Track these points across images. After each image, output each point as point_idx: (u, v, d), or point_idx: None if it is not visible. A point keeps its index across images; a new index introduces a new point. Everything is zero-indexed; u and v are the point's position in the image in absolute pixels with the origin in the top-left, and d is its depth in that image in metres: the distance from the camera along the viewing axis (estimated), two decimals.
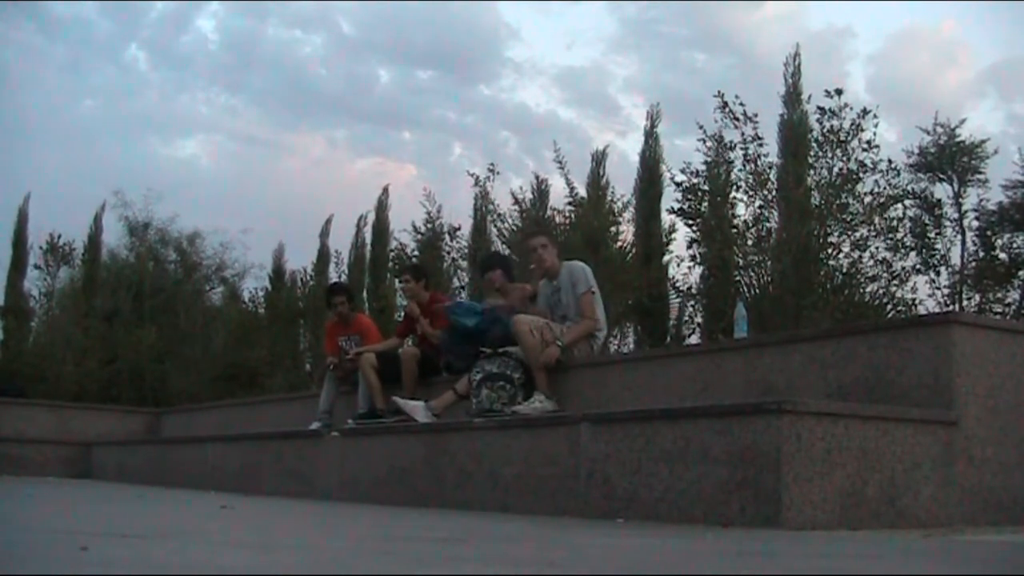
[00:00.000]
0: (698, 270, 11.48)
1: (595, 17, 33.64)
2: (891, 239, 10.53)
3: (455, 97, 32.23)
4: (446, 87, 32.85)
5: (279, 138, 33.19)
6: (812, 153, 10.65)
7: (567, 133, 29.12)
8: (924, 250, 10.68)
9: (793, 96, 11.09)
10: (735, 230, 10.87)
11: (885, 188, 10.47)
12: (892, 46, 28.67)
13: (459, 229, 13.49)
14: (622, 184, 12.88)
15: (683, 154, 29.71)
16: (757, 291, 10.57)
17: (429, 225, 13.60)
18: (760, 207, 10.80)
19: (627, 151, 30.24)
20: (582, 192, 12.18)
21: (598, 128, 30.03)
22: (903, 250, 10.59)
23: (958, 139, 10.66)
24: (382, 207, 15.45)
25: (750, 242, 10.82)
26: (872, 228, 10.46)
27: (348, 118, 34.08)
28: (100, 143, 31.65)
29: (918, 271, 10.65)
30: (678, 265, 11.80)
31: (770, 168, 10.83)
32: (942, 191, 10.84)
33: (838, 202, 10.36)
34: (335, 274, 15.27)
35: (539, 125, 29.47)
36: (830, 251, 10.50)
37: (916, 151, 10.83)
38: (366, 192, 42.05)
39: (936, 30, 29.23)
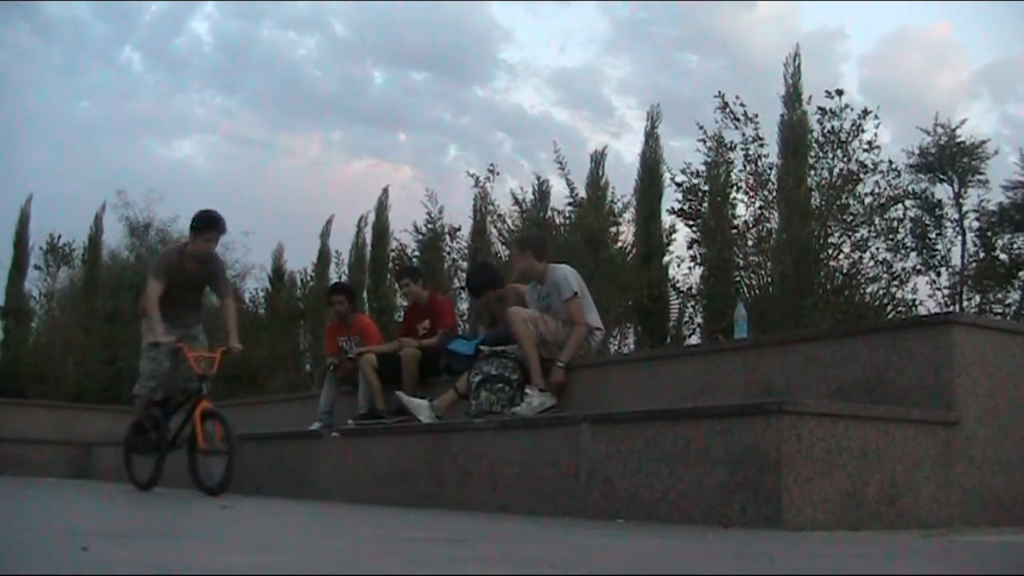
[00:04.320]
0: (698, 271, 11.49)
1: (587, 18, 33.70)
2: (891, 240, 10.53)
3: (450, 98, 32.24)
4: (440, 88, 32.89)
5: (275, 139, 33.25)
6: (812, 154, 10.66)
7: (562, 134, 29.18)
8: (924, 251, 10.68)
9: (793, 96, 11.10)
10: (735, 231, 10.87)
11: (885, 189, 10.48)
12: (885, 47, 28.72)
13: (459, 230, 13.50)
14: (618, 185, 12.89)
15: (677, 155, 29.74)
16: (757, 292, 10.57)
17: (430, 226, 13.60)
18: (760, 208, 10.80)
19: (621, 152, 30.22)
20: (581, 193, 12.19)
21: (592, 129, 30.09)
22: (903, 251, 10.59)
23: (958, 140, 10.67)
24: (382, 208, 15.47)
25: (750, 243, 10.82)
26: (872, 229, 10.46)
27: (343, 119, 34.13)
28: (97, 144, 31.73)
29: (918, 272, 10.65)
30: (678, 266, 11.82)
31: (770, 169, 10.83)
32: (942, 192, 10.85)
33: (838, 203, 10.36)
34: (335, 274, 15.29)
35: (534, 126, 29.50)
36: (830, 252, 10.50)
37: (916, 152, 10.84)
38: (363, 193, 42.12)
39: (929, 31, 29.27)
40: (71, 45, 32.44)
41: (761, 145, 10.72)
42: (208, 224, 6.99)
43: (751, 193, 10.82)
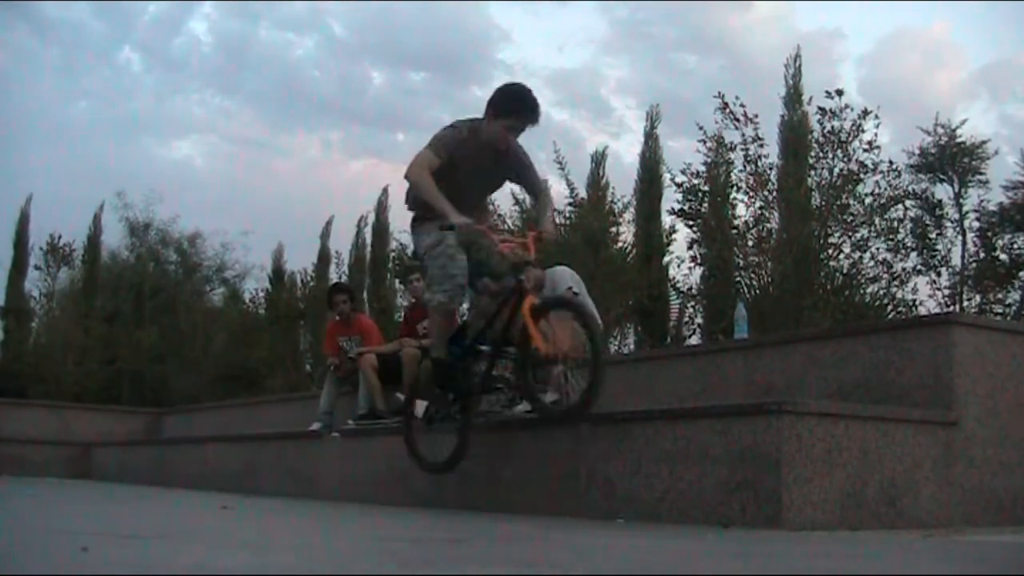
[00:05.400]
0: (698, 271, 11.52)
1: (586, 19, 33.71)
2: (892, 240, 10.55)
3: (448, 99, 32.26)
4: (439, 89, 32.90)
5: (273, 139, 33.26)
6: (812, 154, 10.67)
7: (560, 135, 29.15)
8: (925, 251, 10.69)
9: (794, 97, 11.11)
10: (735, 231, 10.88)
11: (886, 189, 10.50)
12: (883, 48, 28.75)
13: None
14: (618, 185, 12.92)
15: (677, 155, 29.71)
16: (757, 292, 10.58)
17: None
18: (760, 208, 10.82)
19: (620, 152, 30.20)
20: (582, 193, 12.20)
21: (591, 130, 30.10)
22: (904, 251, 10.61)
23: (959, 140, 10.67)
24: (382, 208, 15.48)
25: (750, 243, 10.84)
26: (873, 229, 10.47)
27: (342, 120, 34.15)
28: (95, 144, 31.74)
29: (919, 272, 10.67)
30: (678, 266, 11.85)
31: (770, 169, 10.85)
32: (943, 192, 10.88)
33: (839, 203, 10.37)
34: (336, 275, 15.31)
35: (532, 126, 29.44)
36: (831, 252, 10.51)
37: (916, 152, 10.85)
38: (361, 193, 42.06)
39: (927, 32, 29.29)
40: (70, 45, 32.49)
41: (761, 145, 10.74)
42: (521, 108, 4.96)
43: (751, 193, 10.84)
